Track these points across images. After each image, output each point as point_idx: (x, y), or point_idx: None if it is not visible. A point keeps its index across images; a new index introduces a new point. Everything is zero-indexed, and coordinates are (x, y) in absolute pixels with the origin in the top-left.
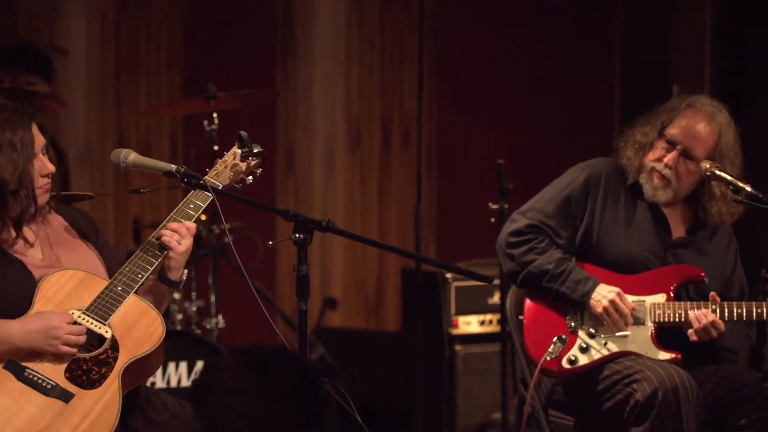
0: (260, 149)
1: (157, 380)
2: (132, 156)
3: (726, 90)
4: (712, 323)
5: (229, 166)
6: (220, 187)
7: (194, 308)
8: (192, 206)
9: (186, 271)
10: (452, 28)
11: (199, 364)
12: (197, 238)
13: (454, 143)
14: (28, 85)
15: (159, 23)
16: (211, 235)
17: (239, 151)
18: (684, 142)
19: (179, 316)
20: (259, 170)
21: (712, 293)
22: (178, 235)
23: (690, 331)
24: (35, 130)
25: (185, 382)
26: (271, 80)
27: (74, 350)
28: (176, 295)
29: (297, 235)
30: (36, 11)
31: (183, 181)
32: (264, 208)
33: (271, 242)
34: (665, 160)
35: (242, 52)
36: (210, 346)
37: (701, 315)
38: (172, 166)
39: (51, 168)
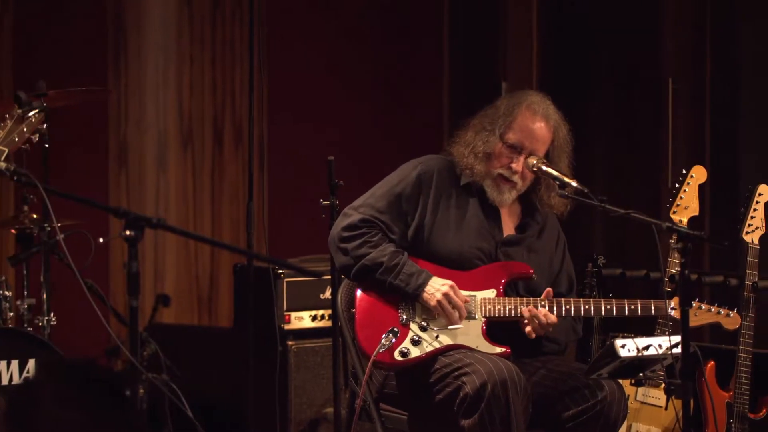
0: (41, 104)
1: None
2: None
3: (554, 87)
4: (546, 318)
5: (11, 128)
6: (6, 152)
7: (26, 306)
8: None
9: None
10: (283, 26)
11: (31, 362)
12: (30, 237)
13: (285, 141)
14: None
15: None
16: (43, 233)
17: (20, 111)
18: (526, 144)
19: (10, 314)
20: (44, 125)
21: (547, 290)
22: None
23: (528, 329)
24: None
25: (17, 381)
26: (103, 78)
27: None
28: (8, 293)
29: (127, 233)
30: None
31: (12, 179)
32: (95, 206)
33: (102, 239)
34: (513, 166)
35: (73, 50)
36: (42, 343)
37: (535, 312)
38: (2, 163)
39: None
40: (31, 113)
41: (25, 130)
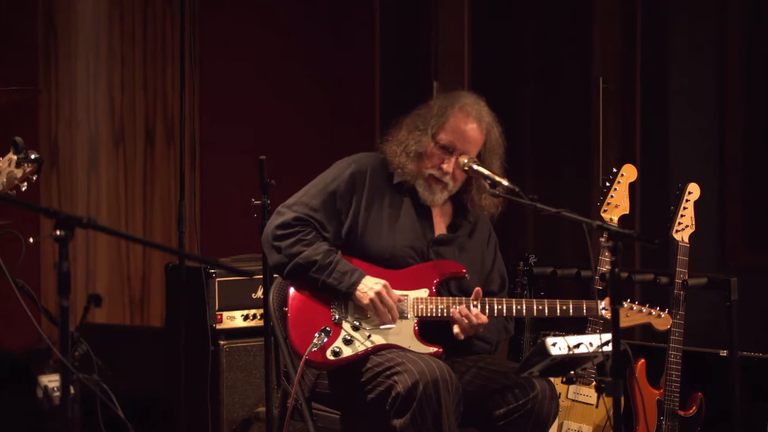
0: (37, 155)
1: None
2: None
3: (485, 85)
4: (477, 318)
5: (4, 172)
6: None
7: None
8: None
9: None
10: (215, 24)
11: None
12: None
13: (217, 140)
14: None
15: None
16: None
17: (14, 157)
18: (458, 146)
19: None
20: (35, 177)
21: (477, 289)
22: None
23: (456, 331)
24: None
25: None
26: (34, 77)
27: None
28: None
29: (57, 232)
30: None
31: None
32: (24, 206)
33: (32, 239)
34: (444, 167)
35: (3, 48)
36: None
37: (465, 312)
38: None
39: None
40: (25, 162)
41: (16, 176)
